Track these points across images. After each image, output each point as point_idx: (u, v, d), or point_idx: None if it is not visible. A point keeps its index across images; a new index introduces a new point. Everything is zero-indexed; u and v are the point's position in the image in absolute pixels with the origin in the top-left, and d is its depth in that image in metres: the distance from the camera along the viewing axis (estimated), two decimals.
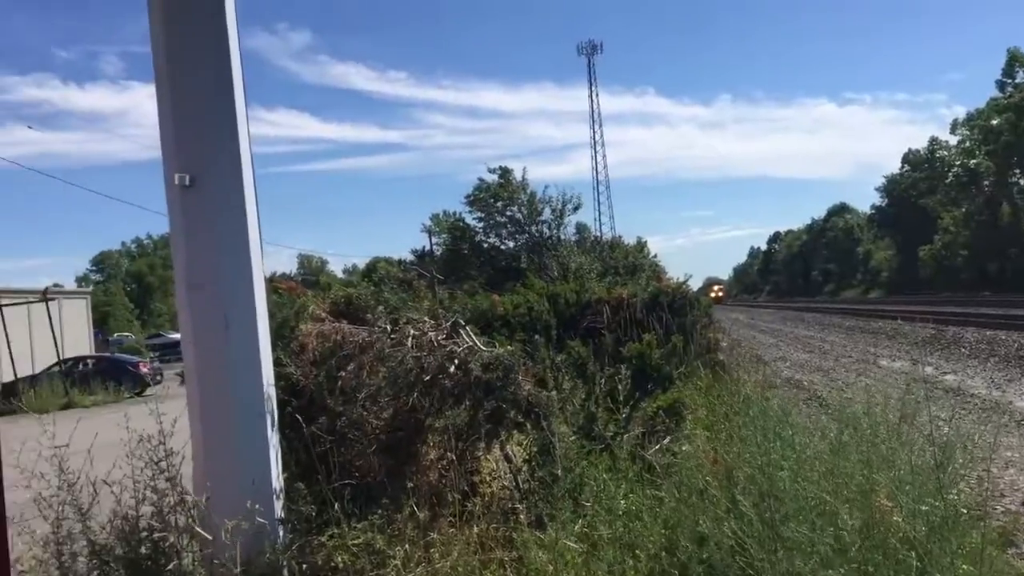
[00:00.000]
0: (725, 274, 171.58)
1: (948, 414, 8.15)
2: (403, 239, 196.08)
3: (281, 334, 5.89)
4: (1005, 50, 61.02)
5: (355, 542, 4.50)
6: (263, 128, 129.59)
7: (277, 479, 4.87)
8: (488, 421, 5.76)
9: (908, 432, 4.73)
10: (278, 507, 4.78)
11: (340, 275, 79.62)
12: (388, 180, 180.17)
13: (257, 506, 4.37)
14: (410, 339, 5.97)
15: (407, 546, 4.63)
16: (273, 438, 4.87)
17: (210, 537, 4.32)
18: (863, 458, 4.44)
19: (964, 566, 3.82)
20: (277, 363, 5.34)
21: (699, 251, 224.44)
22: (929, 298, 51.89)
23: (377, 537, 4.55)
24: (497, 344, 6.74)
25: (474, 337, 6.31)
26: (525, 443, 6.11)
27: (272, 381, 4.98)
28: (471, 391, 5.80)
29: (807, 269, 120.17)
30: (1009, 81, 59.55)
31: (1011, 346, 16.66)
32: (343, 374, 5.63)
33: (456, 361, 5.91)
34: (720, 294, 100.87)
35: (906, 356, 15.63)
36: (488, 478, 6.08)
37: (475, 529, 5.06)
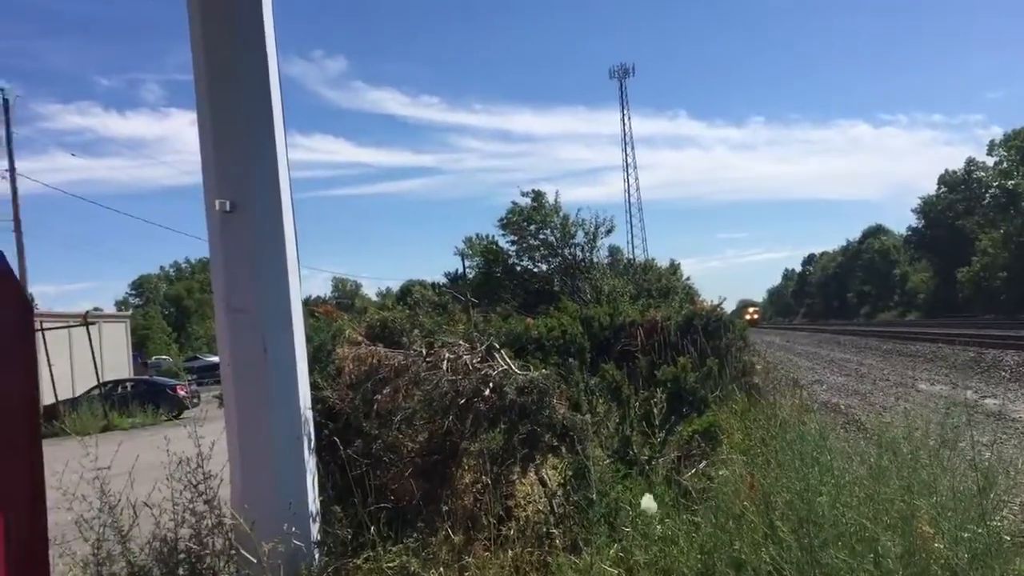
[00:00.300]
0: (759, 296, 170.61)
1: (990, 439, 8.03)
2: (436, 262, 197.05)
3: (318, 358, 5.95)
4: None
5: (390, 565, 4.52)
6: (300, 154, 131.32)
7: (314, 502, 4.91)
8: (523, 445, 5.76)
9: (949, 457, 4.66)
10: (315, 530, 4.81)
11: (374, 298, 79.94)
12: (421, 204, 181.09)
13: (294, 528, 4.41)
14: (445, 362, 6.00)
15: (441, 569, 4.64)
16: (310, 461, 4.91)
17: (250, 559, 4.36)
18: (904, 483, 4.39)
19: None
20: (314, 387, 5.39)
21: (733, 273, 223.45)
22: (968, 320, 51.14)
23: (412, 560, 4.56)
24: (532, 367, 6.75)
25: (509, 360, 6.32)
26: (560, 467, 6.09)
27: (309, 404, 5.03)
28: (506, 414, 5.80)
29: (842, 291, 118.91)
30: None
31: None
32: (379, 397, 5.66)
33: (491, 384, 5.92)
34: (755, 316, 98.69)
35: (946, 379, 15.38)
36: (523, 502, 6.07)
37: (510, 553, 5.05)
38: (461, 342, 6.63)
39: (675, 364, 9.21)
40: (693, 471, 6.53)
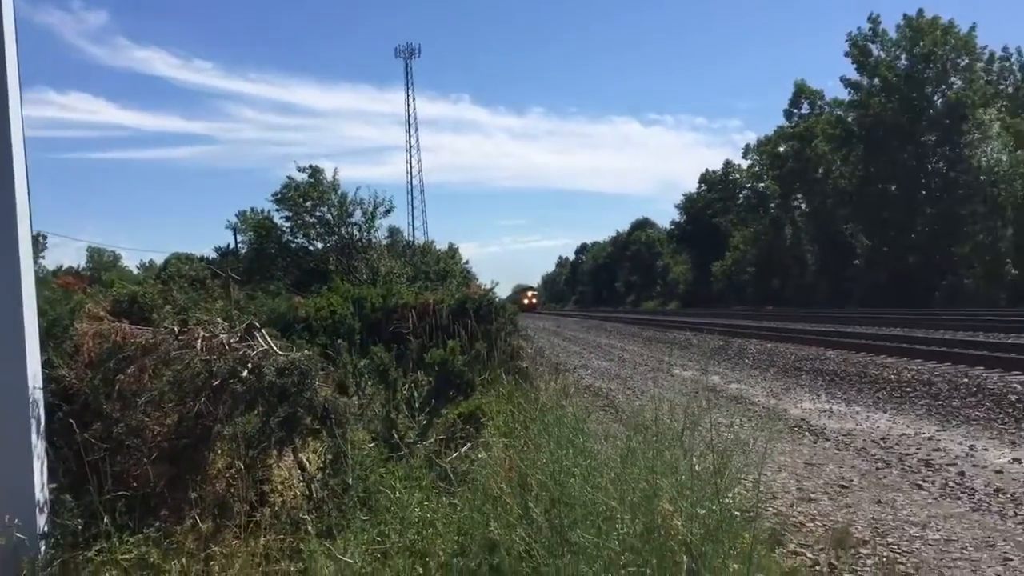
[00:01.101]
0: (535, 283, 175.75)
1: (731, 421, 8.63)
2: (208, 236, 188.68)
3: (53, 333, 5.45)
4: (792, 82, 66.04)
5: (126, 557, 4.21)
6: (51, 111, 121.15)
7: (41, 490, 4.48)
8: (281, 428, 5.55)
9: (690, 439, 4.92)
10: (41, 521, 4.40)
11: (136, 271, 75.08)
12: (192, 173, 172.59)
13: (16, 520, 4.03)
14: (200, 341, 5.68)
15: (184, 560, 4.38)
16: (39, 446, 4.48)
17: None
18: (648, 464, 4.58)
19: (734, 565, 4.00)
20: (47, 364, 4.93)
21: (511, 259, 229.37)
22: (720, 311, 55.09)
23: (152, 551, 4.28)
24: (296, 348, 6.53)
25: (270, 340, 6.08)
26: (320, 451, 5.93)
27: (40, 384, 4.58)
28: (264, 396, 5.57)
29: (611, 280, 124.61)
30: (795, 111, 64.13)
31: (788, 358, 17.90)
32: (122, 377, 5.27)
33: (249, 365, 5.67)
34: (533, 301, 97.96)
35: (696, 366, 16.44)
36: (280, 487, 5.87)
37: (261, 541, 4.86)
38: (219, 320, 6.31)
39: (445, 347, 9.25)
40: (456, 454, 6.56)
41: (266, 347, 5.92)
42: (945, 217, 47.55)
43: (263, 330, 6.25)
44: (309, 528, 4.72)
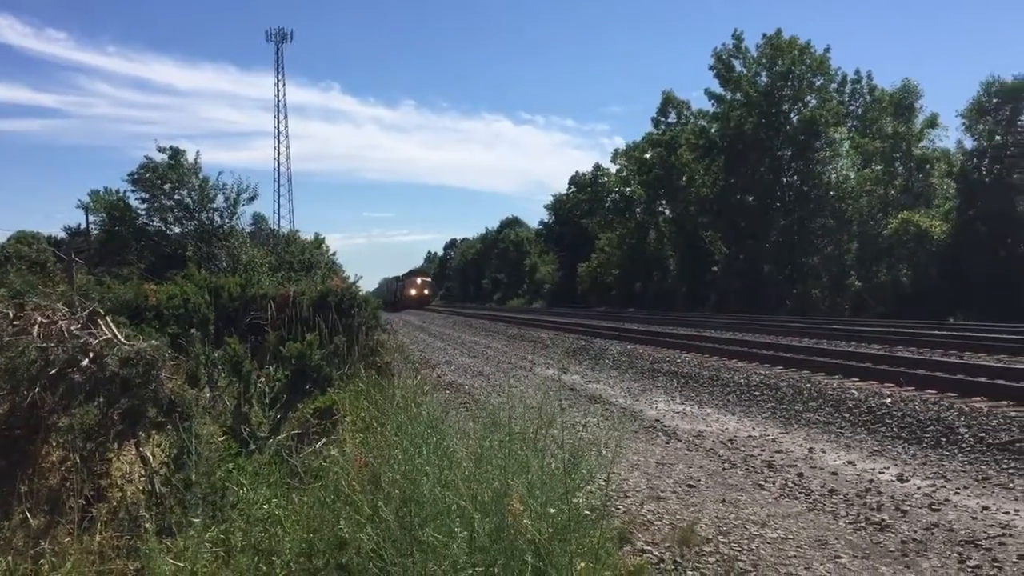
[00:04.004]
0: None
1: (584, 421, 8.80)
2: (57, 215, 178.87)
3: None
4: (661, 91, 67.90)
5: None
6: None
7: None
8: (122, 420, 5.31)
9: (544, 439, 4.98)
10: None
11: None
12: (40, 148, 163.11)
13: None
14: (36, 327, 5.37)
15: (11, 557, 4.14)
16: None
17: None
18: (501, 463, 4.61)
19: (581, 564, 4.07)
20: None
21: (379, 252, 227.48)
22: (584, 311, 56.15)
23: None
24: (144, 337, 6.25)
25: (114, 328, 5.80)
26: (164, 444, 5.71)
27: None
28: (105, 387, 5.31)
29: (479, 277, 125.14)
30: (663, 120, 65.94)
31: (647, 359, 18.39)
32: None
33: (91, 354, 5.39)
34: (425, 292, 77.48)
35: (558, 365, 16.68)
36: (120, 482, 5.61)
37: (97, 538, 4.63)
38: (60, 306, 5.97)
39: (303, 341, 9.05)
40: (310, 450, 6.43)
41: (110, 335, 5.65)
42: (797, 229, 49.91)
43: (108, 317, 5.96)
44: (147, 525, 4.52)
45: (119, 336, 5.72)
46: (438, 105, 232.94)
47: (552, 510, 4.19)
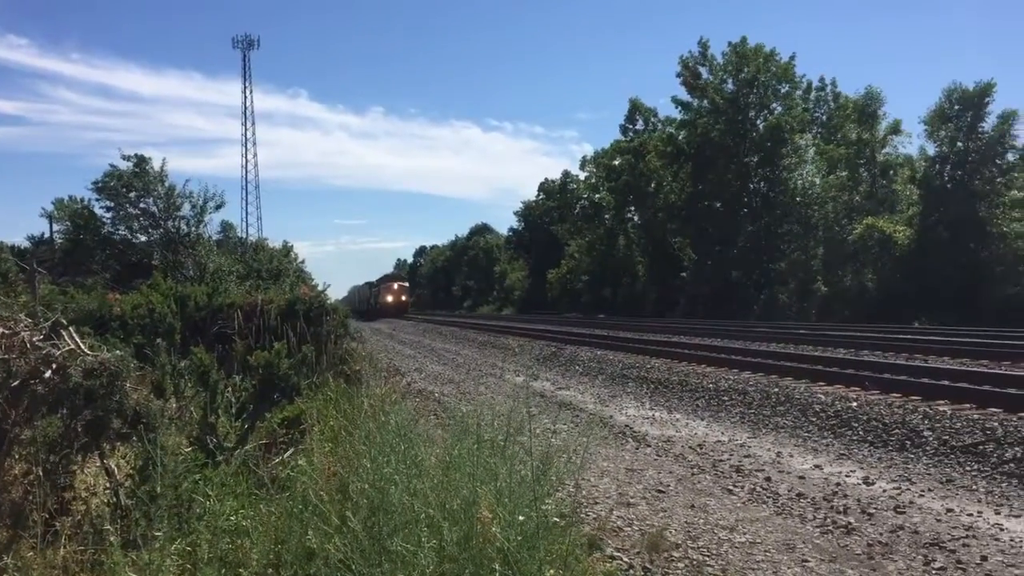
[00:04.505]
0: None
1: (553, 427, 8.81)
2: (19, 224, 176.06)
3: None
4: (628, 99, 68.34)
5: None
6: None
7: None
8: (86, 432, 5.23)
9: (513, 446, 4.98)
10: None
11: None
12: (2, 156, 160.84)
13: None
14: None
15: None
16: None
17: None
18: (470, 471, 4.61)
19: (551, 571, 4.08)
20: None
21: (348, 259, 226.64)
22: (553, 317, 56.24)
23: None
24: (108, 348, 6.18)
25: (78, 339, 5.72)
26: (129, 456, 5.64)
27: None
28: (69, 399, 5.24)
29: (449, 284, 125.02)
30: (631, 127, 66.41)
31: (616, 365, 18.45)
32: None
33: (54, 365, 5.31)
34: (403, 299, 71.86)
35: (528, 371, 16.70)
36: (84, 495, 5.54)
37: (61, 551, 4.57)
38: (23, 317, 5.89)
39: (271, 350, 8.98)
40: (277, 460, 6.39)
41: (73, 346, 5.57)
42: (764, 235, 50.40)
43: (71, 328, 5.88)
44: (112, 539, 4.47)
45: (83, 347, 5.64)
46: (406, 112, 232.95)
47: (521, 517, 4.20)
